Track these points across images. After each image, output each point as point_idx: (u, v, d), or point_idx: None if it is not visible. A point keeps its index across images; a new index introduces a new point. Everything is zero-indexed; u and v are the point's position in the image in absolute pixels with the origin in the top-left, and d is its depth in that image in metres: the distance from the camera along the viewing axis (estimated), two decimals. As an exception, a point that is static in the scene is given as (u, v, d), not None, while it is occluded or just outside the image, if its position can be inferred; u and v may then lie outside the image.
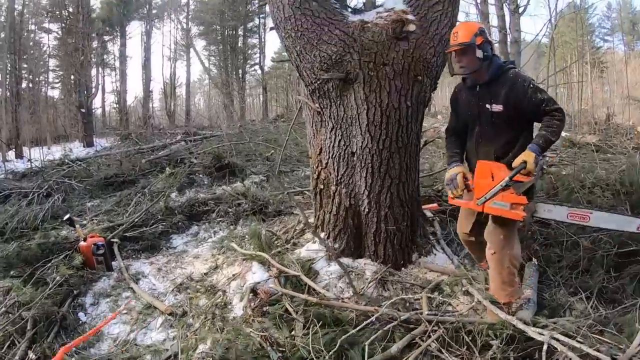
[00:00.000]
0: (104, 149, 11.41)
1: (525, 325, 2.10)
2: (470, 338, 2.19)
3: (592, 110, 14.75)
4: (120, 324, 2.92)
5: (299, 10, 3.03)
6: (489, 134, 2.63)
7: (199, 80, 37.52)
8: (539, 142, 2.46)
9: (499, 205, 2.50)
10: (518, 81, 2.54)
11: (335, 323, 2.45)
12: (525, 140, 2.57)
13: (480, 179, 2.55)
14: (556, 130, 2.49)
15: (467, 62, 2.57)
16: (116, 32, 21.34)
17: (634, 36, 33.85)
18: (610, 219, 2.66)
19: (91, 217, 5.03)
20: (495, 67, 2.60)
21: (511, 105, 2.53)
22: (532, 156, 2.42)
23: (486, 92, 2.61)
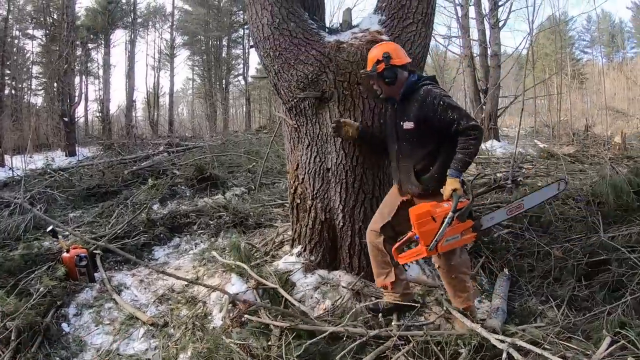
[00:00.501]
0: (87, 158, 11.36)
1: (487, 333, 2.20)
2: (439, 348, 2.29)
3: (571, 121, 15.10)
4: (103, 334, 2.98)
5: (277, 30, 3.14)
6: (406, 150, 2.68)
7: (182, 90, 37.50)
8: (457, 166, 2.47)
9: (451, 240, 2.50)
10: (428, 98, 2.54)
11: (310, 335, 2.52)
12: (446, 154, 2.56)
13: (422, 227, 2.47)
14: (472, 150, 2.48)
15: (377, 86, 2.71)
16: (100, 41, 21.29)
17: (613, 48, 34.80)
18: (537, 195, 2.79)
19: (73, 228, 5.04)
20: (408, 84, 2.65)
21: (421, 122, 2.56)
22: (456, 182, 2.46)
23: (401, 109, 2.69)
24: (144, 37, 25.13)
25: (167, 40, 26.59)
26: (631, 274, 3.06)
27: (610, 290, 3.05)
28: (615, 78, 26.14)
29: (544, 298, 3.14)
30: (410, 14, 3.18)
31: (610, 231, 3.68)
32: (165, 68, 27.01)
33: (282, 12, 3.15)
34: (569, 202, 4.45)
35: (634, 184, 4.07)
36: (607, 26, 35.03)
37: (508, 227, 4.26)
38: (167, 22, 26.35)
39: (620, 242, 3.43)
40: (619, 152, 8.64)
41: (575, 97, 22.96)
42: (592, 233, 3.74)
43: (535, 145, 11.76)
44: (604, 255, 3.37)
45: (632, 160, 7.32)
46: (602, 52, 32.72)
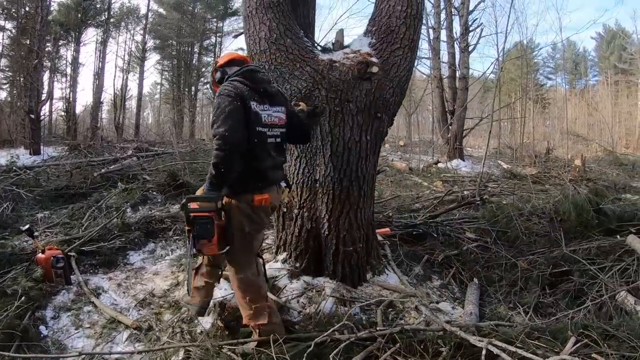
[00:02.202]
0: (52, 158, 11.02)
1: (466, 334, 2.37)
2: (422, 347, 2.44)
3: (534, 144, 15.88)
4: (84, 337, 2.94)
5: (274, 45, 3.29)
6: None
7: (149, 94, 36.86)
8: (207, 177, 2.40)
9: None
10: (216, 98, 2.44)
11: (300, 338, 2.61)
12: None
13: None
14: (214, 161, 2.31)
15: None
16: (71, 38, 20.72)
17: (576, 76, 36.75)
18: None
19: (43, 229, 4.94)
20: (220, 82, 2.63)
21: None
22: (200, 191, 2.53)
23: None
24: (115, 38, 24.62)
25: (138, 43, 26.19)
26: (591, 283, 3.39)
27: (572, 298, 3.35)
28: (577, 104, 27.74)
29: (512, 305, 3.39)
30: (398, 39, 3.39)
31: (572, 245, 4.00)
32: (134, 71, 26.55)
33: (280, 28, 3.30)
34: (533, 218, 4.76)
35: (593, 203, 4.44)
36: (571, 54, 37.02)
37: (476, 241, 4.53)
38: (140, 24, 25.96)
39: (581, 255, 3.76)
40: (579, 174, 9.16)
41: (538, 120, 24.14)
42: (555, 247, 4.07)
43: (499, 165, 12.30)
44: (566, 266, 3.68)
45: (591, 182, 7.81)
46: (565, 79, 34.50)
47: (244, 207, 2.46)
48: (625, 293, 3.14)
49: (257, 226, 2.55)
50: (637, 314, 2.91)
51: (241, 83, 2.46)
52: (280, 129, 2.60)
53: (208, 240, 2.40)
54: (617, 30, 32.91)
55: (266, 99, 2.53)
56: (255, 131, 2.43)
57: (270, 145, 2.52)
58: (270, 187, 2.54)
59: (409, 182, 9.41)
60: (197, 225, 2.39)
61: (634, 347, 2.38)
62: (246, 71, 2.53)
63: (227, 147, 2.28)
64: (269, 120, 2.51)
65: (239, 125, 2.33)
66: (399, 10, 3.39)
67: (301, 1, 3.73)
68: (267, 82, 2.60)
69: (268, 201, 2.46)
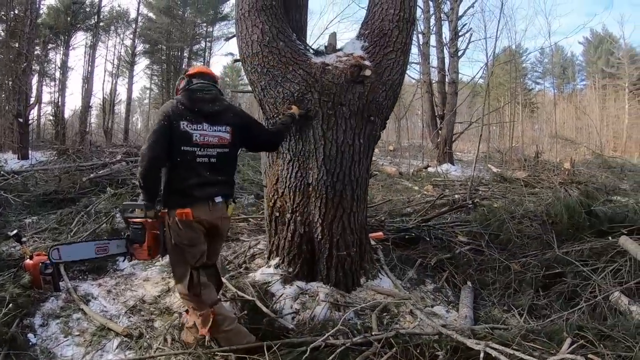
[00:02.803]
0: (40, 163, 10.86)
1: (462, 337, 2.36)
2: (418, 351, 2.42)
3: (523, 148, 16.04)
4: (74, 345, 2.87)
5: (267, 48, 3.27)
6: None
7: (138, 99, 36.66)
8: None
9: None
10: None
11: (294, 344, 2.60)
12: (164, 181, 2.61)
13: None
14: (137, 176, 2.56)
15: None
16: (60, 41, 20.50)
17: (564, 80, 37.22)
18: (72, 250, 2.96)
19: (31, 234, 4.86)
20: None
21: None
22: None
23: None
24: (105, 42, 24.40)
25: (127, 47, 26.00)
26: (585, 284, 3.40)
27: (566, 299, 3.36)
28: (565, 108, 28.15)
29: (506, 307, 3.39)
30: (391, 43, 3.39)
31: (564, 247, 4.02)
32: (123, 75, 26.34)
33: (273, 30, 3.28)
34: (525, 221, 4.78)
35: (584, 205, 4.48)
36: (559, 59, 37.50)
37: (469, 244, 4.54)
38: (129, 28, 25.76)
39: (573, 257, 3.77)
40: (568, 177, 9.24)
41: (526, 125, 24.42)
42: (547, 249, 4.08)
43: (489, 169, 12.38)
44: (559, 268, 3.69)
45: (581, 184, 7.88)
46: (553, 83, 34.89)
47: (171, 221, 2.57)
48: (618, 293, 3.16)
49: (186, 240, 2.58)
50: (631, 313, 2.93)
51: (179, 101, 2.60)
52: (219, 149, 2.64)
53: (139, 245, 2.62)
54: (604, 35, 33.45)
55: (202, 118, 2.59)
56: (180, 150, 2.52)
57: (201, 165, 2.58)
58: (196, 203, 2.55)
59: (400, 186, 9.43)
60: (131, 229, 2.65)
61: (629, 347, 2.40)
62: (188, 90, 2.65)
63: (143, 164, 2.49)
64: (202, 140, 2.58)
65: (156, 144, 2.47)
66: (392, 13, 3.40)
67: (293, 5, 3.73)
68: (206, 101, 2.63)
69: (189, 216, 2.49)
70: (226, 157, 2.70)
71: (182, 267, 2.63)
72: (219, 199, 2.63)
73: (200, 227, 2.60)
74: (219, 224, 2.69)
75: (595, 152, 16.25)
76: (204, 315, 2.60)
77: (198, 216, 2.54)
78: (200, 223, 2.59)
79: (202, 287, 2.62)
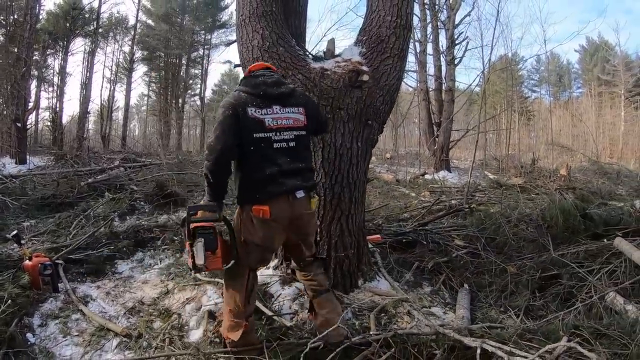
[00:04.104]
0: (38, 167, 10.91)
1: (460, 336, 2.40)
2: (416, 350, 2.46)
3: (519, 155, 16.12)
4: (72, 345, 2.89)
5: (267, 53, 3.32)
6: None
7: (136, 105, 36.76)
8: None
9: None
10: None
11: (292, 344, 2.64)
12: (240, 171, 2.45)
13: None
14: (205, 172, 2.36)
15: None
16: (59, 47, 20.60)
17: (560, 88, 37.52)
18: None
19: (30, 237, 4.88)
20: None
21: None
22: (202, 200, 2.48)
23: None
24: (103, 48, 24.54)
25: (126, 54, 26.14)
26: (580, 285, 3.45)
27: (562, 300, 3.40)
28: (561, 116, 28.36)
29: (502, 309, 3.41)
30: (388, 49, 3.46)
31: (560, 249, 4.06)
32: (121, 82, 26.45)
33: (273, 36, 3.35)
34: (521, 225, 4.83)
35: (580, 208, 4.54)
36: (555, 67, 37.84)
37: (465, 248, 4.58)
38: (128, 35, 25.94)
39: (569, 259, 3.81)
40: (564, 183, 9.30)
41: (523, 132, 24.54)
42: (543, 251, 4.12)
43: (485, 176, 12.45)
44: (555, 270, 3.74)
45: (577, 190, 7.93)
46: (549, 91, 35.14)
47: (244, 217, 2.43)
48: (614, 294, 3.19)
49: (258, 239, 2.42)
50: (626, 313, 2.97)
51: (240, 91, 2.45)
52: (295, 132, 2.46)
53: (212, 252, 2.32)
54: (600, 43, 33.79)
55: (271, 101, 2.43)
56: (252, 138, 2.35)
57: (279, 151, 2.40)
58: (275, 197, 2.36)
59: (397, 193, 9.47)
60: (199, 236, 2.31)
61: (625, 345, 2.44)
62: (246, 78, 2.55)
63: (211, 157, 2.31)
64: (275, 124, 2.40)
65: (224, 134, 2.31)
66: (389, 20, 3.47)
67: (293, 11, 3.80)
68: (270, 84, 2.47)
69: (267, 214, 2.32)
70: (304, 140, 2.53)
71: (241, 266, 2.47)
72: (300, 193, 2.42)
73: (277, 225, 2.41)
74: (301, 221, 2.50)
75: (591, 159, 16.36)
76: (236, 323, 2.49)
77: (276, 214, 2.35)
78: (278, 221, 2.39)
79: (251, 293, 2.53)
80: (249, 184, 2.40)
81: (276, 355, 2.41)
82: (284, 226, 2.44)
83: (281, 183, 2.37)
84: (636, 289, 3.28)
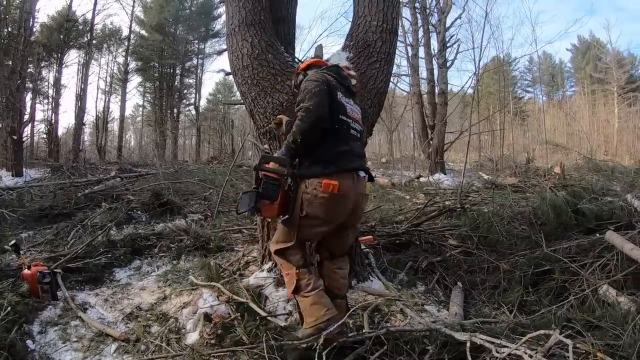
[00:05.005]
0: (35, 179, 10.94)
1: (452, 331, 2.45)
2: (408, 347, 2.51)
3: (514, 155, 16.21)
4: (72, 351, 2.94)
5: (256, 60, 3.41)
6: None
7: (131, 116, 36.83)
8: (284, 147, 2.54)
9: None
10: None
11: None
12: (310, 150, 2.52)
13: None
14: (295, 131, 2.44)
15: None
16: (54, 59, 20.66)
17: (553, 87, 37.74)
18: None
19: (28, 247, 4.92)
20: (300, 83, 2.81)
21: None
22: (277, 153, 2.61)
23: None
24: (97, 60, 24.63)
25: (120, 65, 26.24)
26: (573, 279, 3.48)
27: (555, 295, 3.43)
28: (555, 115, 28.55)
29: (496, 305, 3.47)
30: (375, 53, 3.54)
31: (552, 245, 4.08)
32: (116, 93, 26.53)
33: (262, 44, 3.43)
34: (514, 223, 4.87)
35: (571, 204, 4.57)
36: (548, 66, 38.07)
37: (459, 247, 4.63)
38: (122, 46, 26.05)
39: (561, 254, 3.83)
40: (559, 181, 9.34)
41: (517, 133, 24.67)
42: (536, 248, 4.14)
43: (480, 177, 12.52)
44: (547, 265, 3.76)
45: (569, 186, 7.97)
46: (542, 91, 35.30)
47: (310, 192, 2.47)
48: (606, 286, 3.23)
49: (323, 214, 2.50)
50: (619, 304, 3.01)
51: (328, 74, 2.63)
52: (359, 126, 2.71)
53: (271, 202, 2.47)
54: (591, 41, 34.06)
55: (350, 94, 2.71)
56: (339, 119, 2.54)
57: (352, 137, 2.61)
58: (343, 174, 2.48)
59: (392, 196, 9.52)
60: (264, 184, 2.46)
61: (617, 335, 2.49)
62: (333, 66, 2.78)
63: (308, 119, 2.42)
64: (352, 114, 2.63)
65: (323, 103, 2.46)
66: (375, 25, 3.55)
67: (282, 19, 3.90)
68: (345, 78, 2.78)
69: (336, 188, 2.41)
70: (363, 134, 2.79)
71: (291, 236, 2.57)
72: (362, 173, 2.61)
73: (344, 201, 2.51)
74: (359, 202, 2.63)
75: (585, 157, 16.44)
76: (290, 275, 2.58)
77: (344, 189, 2.45)
78: (345, 197, 2.49)
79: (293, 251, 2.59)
80: (323, 157, 2.49)
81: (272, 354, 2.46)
82: (348, 203, 2.54)
83: (351, 161, 2.54)
84: (629, 281, 3.31)
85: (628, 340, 2.40)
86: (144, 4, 27.75)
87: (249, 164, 10.28)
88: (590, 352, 2.27)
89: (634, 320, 2.54)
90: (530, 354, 2.12)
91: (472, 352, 2.28)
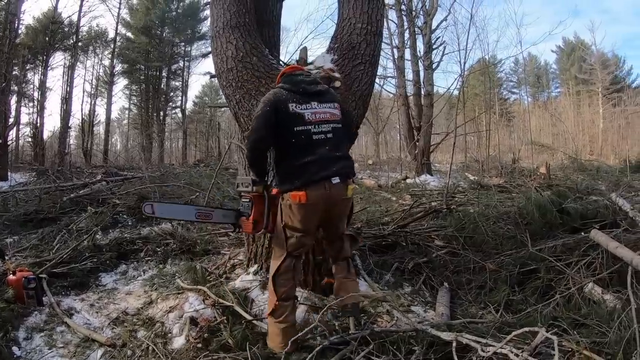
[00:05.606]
0: (20, 184, 10.79)
1: (438, 331, 2.47)
2: (395, 347, 2.52)
3: (500, 156, 16.36)
4: (58, 357, 2.91)
5: (241, 63, 3.40)
6: None
7: (117, 119, 36.49)
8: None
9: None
10: None
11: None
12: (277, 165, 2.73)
13: None
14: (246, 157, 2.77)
15: None
16: (39, 62, 20.40)
17: (539, 88, 38.18)
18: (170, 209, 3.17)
19: (13, 253, 4.86)
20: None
21: None
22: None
23: None
24: (83, 62, 24.37)
25: (106, 67, 26.00)
26: (559, 278, 3.51)
27: (541, 294, 3.46)
28: (541, 116, 28.93)
29: (482, 305, 3.50)
30: (359, 55, 3.55)
31: (538, 245, 4.10)
32: (102, 95, 26.29)
33: (246, 46, 3.43)
34: (499, 223, 4.91)
35: (556, 203, 4.61)
36: (533, 68, 38.52)
37: (445, 248, 4.66)
38: (108, 48, 25.82)
39: (547, 253, 3.86)
40: (544, 181, 9.43)
41: (503, 134, 24.92)
42: (521, 247, 4.17)
43: (466, 178, 12.61)
44: (533, 265, 3.79)
45: (554, 186, 8.05)
46: (528, 92, 35.68)
47: (284, 204, 2.62)
48: (592, 284, 3.27)
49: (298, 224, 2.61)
50: (605, 302, 3.05)
51: (281, 88, 2.71)
52: (332, 124, 2.70)
53: (246, 218, 2.78)
54: (576, 43, 34.54)
55: (310, 97, 2.70)
56: (293, 131, 2.58)
57: (318, 142, 2.62)
58: (312, 184, 2.54)
59: (378, 197, 9.56)
60: (241, 203, 2.85)
61: (603, 333, 2.52)
62: (286, 76, 2.81)
63: (248, 144, 2.72)
64: (315, 117, 2.64)
65: (260, 127, 2.60)
66: (360, 27, 3.57)
67: (266, 22, 3.91)
68: (307, 82, 2.76)
69: (304, 198, 2.51)
70: (341, 131, 2.75)
71: (280, 249, 2.70)
72: (336, 179, 2.60)
73: (314, 209, 2.58)
74: (336, 206, 2.69)
75: (571, 157, 16.68)
76: (271, 301, 2.70)
77: (312, 198, 2.53)
78: (315, 205, 2.56)
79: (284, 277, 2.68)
80: (288, 171, 2.62)
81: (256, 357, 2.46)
82: (321, 210, 2.63)
83: (317, 171, 2.57)
84: (614, 278, 3.34)
85: (614, 338, 2.44)
86: (130, 6, 27.59)
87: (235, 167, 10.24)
88: (577, 349, 2.31)
89: (620, 318, 2.57)
90: (517, 352, 2.15)
91: (459, 352, 2.31)
